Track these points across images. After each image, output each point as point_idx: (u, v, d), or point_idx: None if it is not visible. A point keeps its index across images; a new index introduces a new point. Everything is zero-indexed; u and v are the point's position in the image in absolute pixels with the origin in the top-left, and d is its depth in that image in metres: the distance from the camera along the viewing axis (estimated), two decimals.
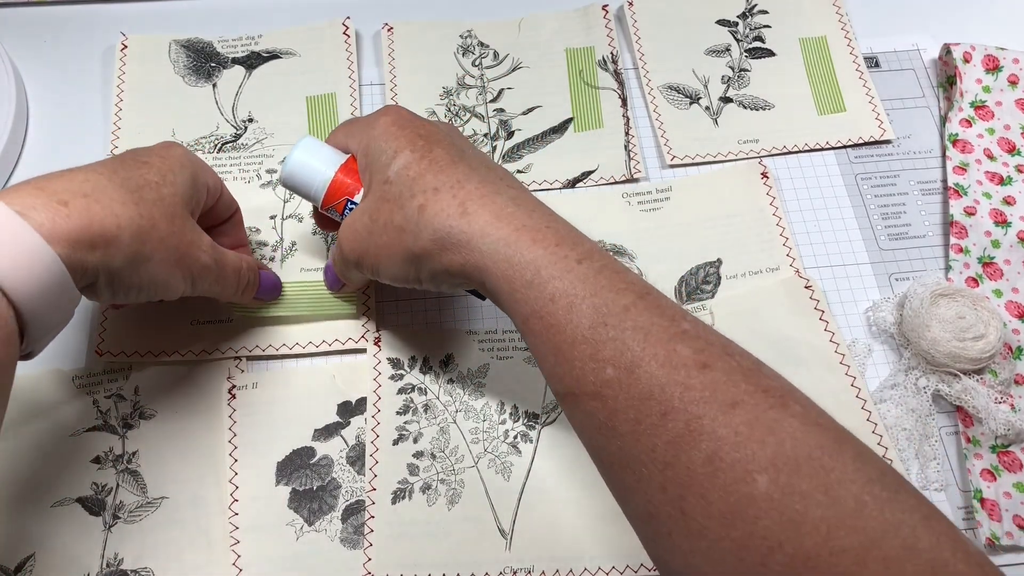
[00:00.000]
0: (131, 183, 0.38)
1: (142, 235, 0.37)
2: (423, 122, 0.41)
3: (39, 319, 0.33)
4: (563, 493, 0.45)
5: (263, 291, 0.48)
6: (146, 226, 0.37)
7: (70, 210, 0.34)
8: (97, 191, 0.36)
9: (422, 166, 0.38)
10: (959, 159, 0.55)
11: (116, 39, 0.59)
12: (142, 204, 0.37)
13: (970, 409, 0.47)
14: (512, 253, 0.35)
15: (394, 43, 0.60)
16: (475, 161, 0.39)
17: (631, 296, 0.33)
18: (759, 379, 0.30)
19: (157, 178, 0.39)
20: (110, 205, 0.35)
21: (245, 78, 0.58)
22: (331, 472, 0.46)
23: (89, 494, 0.45)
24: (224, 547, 0.44)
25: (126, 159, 0.40)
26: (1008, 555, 0.44)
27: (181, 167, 0.41)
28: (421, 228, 0.37)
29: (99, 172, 0.37)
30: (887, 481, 0.28)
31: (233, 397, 0.47)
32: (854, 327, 0.51)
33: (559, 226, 0.36)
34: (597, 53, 0.60)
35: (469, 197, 0.36)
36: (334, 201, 0.43)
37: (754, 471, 0.28)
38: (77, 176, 0.36)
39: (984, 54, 0.58)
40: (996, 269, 0.52)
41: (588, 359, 0.32)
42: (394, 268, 0.40)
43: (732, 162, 0.56)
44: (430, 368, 0.48)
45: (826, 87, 0.59)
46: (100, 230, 0.35)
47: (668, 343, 0.31)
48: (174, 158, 0.41)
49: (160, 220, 0.38)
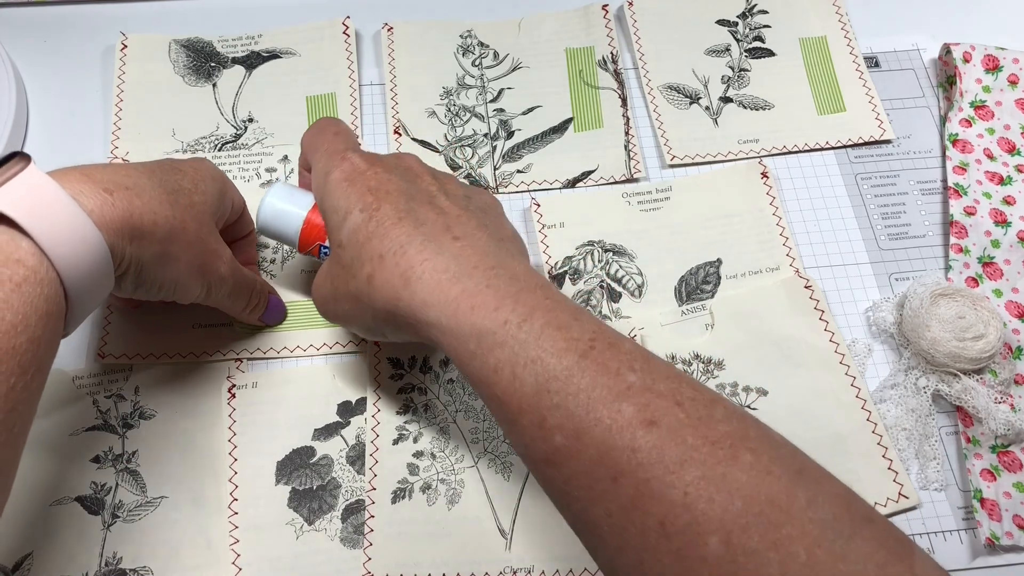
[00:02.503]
0: (168, 185, 0.39)
1: (173, 235, 0.38)
2: (375, 170, 0.39)
3: (81, 300, 0.34)
4: None
5: (269, 313, 0.48)
6: (178, 227, 0.38)
7: (115, 199, 0.35)
8: (139, 186, 0.37)
9: (369, 229, 0.37)
10: (959, 159, 0.55)
11: (116, 39, 0.59)
12: (176, 206, 0.38)
13: (970, 409, 0.47)
14: (453, 325, 0.34)
15: (394, 43, 0.60)
16: (424, 212, 0.37)
17: (573, 357, 0.32)
18: (708, 429, 0.29)
19: (190, 185, 0.41)
20: (149, 202, 0.37)
21: (245, 78, 0.58)
22: (331, 472, 0.46)
23: (88, 493, 0.45)
24: (224, 547, 0.44)
25: (162, 164, 0.41)
26: (1008, 555, 0.44)
27: (212, 180, 0.43)
28: (373, 300, 0.37)
29: (139, 170, 0.38)
30: (841, 526, 0.28)
31: (233, 397, 0.47)
32: (854, 327, 0.51)
33: (500, 283, 0.34)
34: (597, 53, 0.60)
35: (411, 264, 0.35)
36: (308, 247, 0.44)
37: (705, 533, 0.27)
38: (119, 170, 0.37)
39: (984, 54, 0.58)
40: (996, 269, 0.52)
41: (536, 427, 0.32)
42: (363, 331, 0.41)
43: (732, 162, 0.56)
44: (430, 368, 0.48)
45: (826, 87, 0.59)
46: (139, 222, 0.36)
47: (612, 404, 0.30)
48: (205, 170, 0.43)
49: (190, 224, 0.39)
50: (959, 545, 0.45)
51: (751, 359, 0.49)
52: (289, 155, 0.55)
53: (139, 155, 0.55)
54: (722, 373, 0.48)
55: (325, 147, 0.41)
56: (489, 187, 0.55)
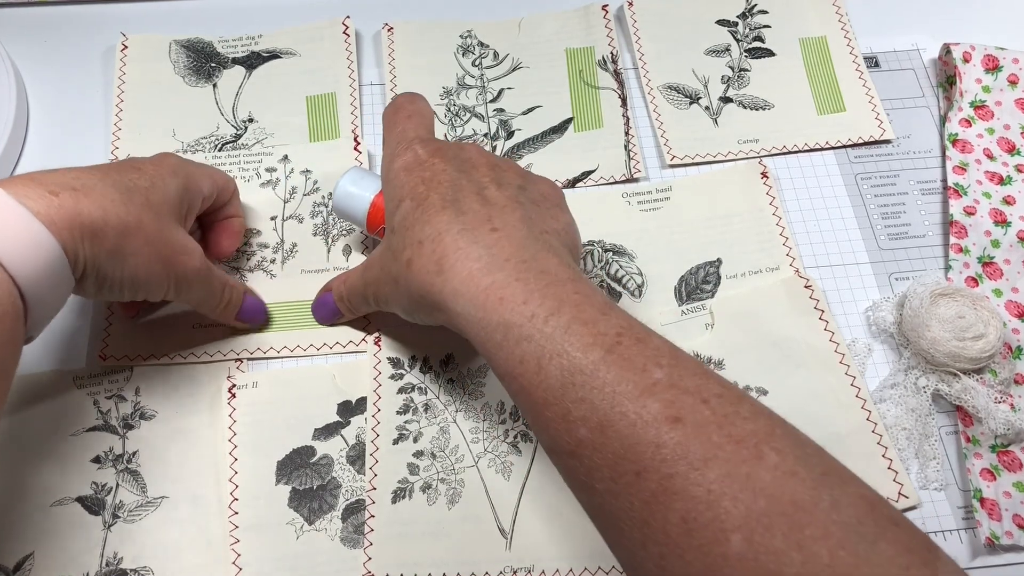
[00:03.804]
0: (121, 185, 0.39)
1: (128, 231, 0.38)
2: (433, 160, 0.40)
3: (40, 303, 0.35)
4: (563, 493, 0.45)
5: (245, 313, 0.48)
6: (132, 223, 0.38)
7: (61, 200, 0.35)
8: (87, 187, 0.37)
9: (415, 216, 0.38)
10: (959, 159, 0.55)
11: (116, 39, 0.59)
12: (130, 203, 0.38)
13: (970, 409, 0.47)
14: (482, 316, 0.34)
15: (394, 43, 0.60)
16: (470, 201, 0.38)
17: (599, 352, 0.32)
18: (733, 427, 0.29)
19: (146, 183, 0.40)
20: (98, 199, 0.37)
21: (245, 78, 0.58)
22: (331, 471, 0.46)
23: (89, 493, 0.45)
24: (224, 546, 0.44)
25: (119, 164, 0.41)
26: (1008, 555, 0.44)
27: (172, 175, 0.42)
28: (409, 284, 0.38)
29: (90, 172, 0.38)
30: (865, 529, 0.27)
31: (233, 397, 0.47)
32: (854, 327, 0.51)
33: (530, 277, 0.35)
34: (597, 53, 0.60)
35: (446, 252, 0.36)
36: (375, 230, 0.46)
37: (728, 530, 0.27)
38: (69, 172, 0.37)
39: (984, 54, 0.58)
40: (996, 269, 0.52)
41: (560, 420, 0.32)
42: (402, 313, 0.42)
43: (732, 162, 0.56)
44: (430, 368, 0.48)
45: (826, 87, 0.59)
46: (88, 220, 0.36)
47: (638, 399, 0.30)
48: (166, 166, 0.43)
49: (148, 220, 0.39)
50: (959, 545, 0.45)
51: (751, 359, 0.49)
52: (289, 155, 0.55)
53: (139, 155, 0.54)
54: (722, 373, 0.48)
55: (396, 131, 0.43)
56: None
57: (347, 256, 0.52)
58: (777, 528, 0.27)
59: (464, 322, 0.35)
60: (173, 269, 0.41)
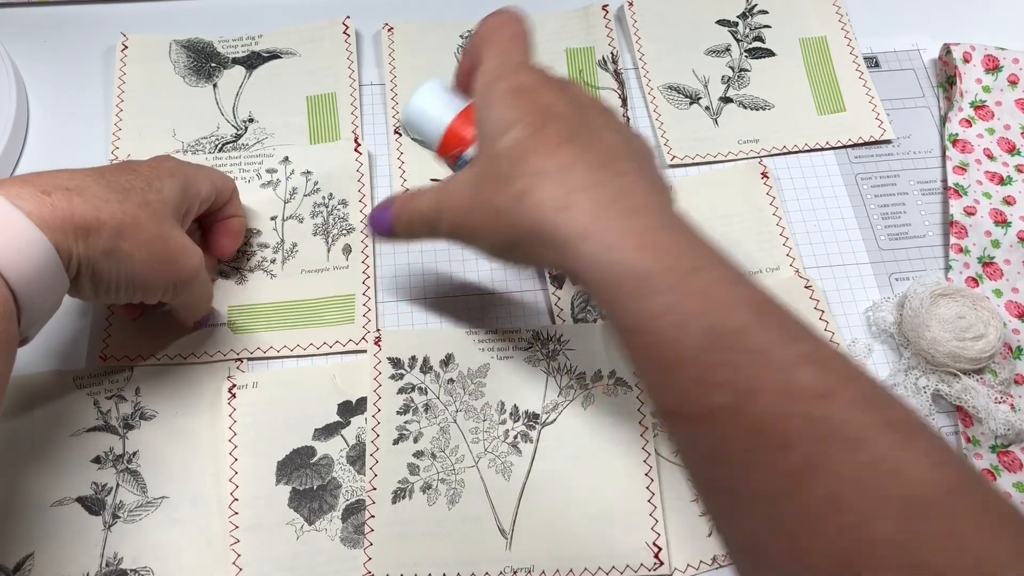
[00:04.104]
0: (116, 185, 0.39)
1: (124, 230, 0.37)
2: (545, 89, 0.37)
3: (33, 303, 0.34)
4: (563, 493, 0.45)
5: (203, 320, 0.49)
6: (129, 222, 0.38)
7: (53, 199, 0.35)
8: (81, 188, 0.37)
9: (530, 144, 0.34)
10: (959, 159, 0.55)
11: (116, 39, 0.59)
12: (126, 203, 0.38)
13: (970, 409, 0.47)
14: (613, 260, 0.31)
15: (394, 43, 0.60)
16: (591, 139, 0.35)
17: (748, 314, 0.29)
18: (884, 411, 0.28)
19: (143, 184, 0.40)
20: (92, 200, 0.37)
21: (245, 78, 0.58)
22: (331, 471, 0.46)
23: (89, 494, 0.45)
24: (224, 547, 0.44)
25: (115, 166, 0.41)
26: None
27: (170, 176, 0.42)
28: (520, 217, 0.34)
29: (85, 173, 0.38)
30: (1014, 527, 0.26)
31: (233, 397, 0.47)
32: (854, 327, 0.51)
33: (672, 223, 0.32)
34: (597, 53, 0.60)
35: (573, 188, 0.33)
36: (448, 152, 0.42)
37: (877, 515, 0.26)
38: (63, 174, 0.37)
39: (984, 54, 0.58)
40: (996, 269, 0.52)
41: (695, 382, 0.29)
42: (488, 248, 0.38)
43: (732, 162, 0.56)
44: (430, 368, 0.48)
45: (826, 87, 0.59)
46: (82, 220, 0.36)
47: (787, 370, 0.28)
48: (163, 168, 0.42)
49: (146, 222, 0.39)
50: None
51: None
52: (290, 156, 0.55)
53: (139, 155, 0.54)
54: None
55: (499, 51, 0.38)
56: None
57: (347, 256, 0.52)
58: (933, 515, 0.26)
59: (587, 264, 0.32)
60: (173, 270, 0.41)
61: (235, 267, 0.51)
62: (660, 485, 0.45)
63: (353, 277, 0.51)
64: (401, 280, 0.52)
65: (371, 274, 0.52)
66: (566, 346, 0.49)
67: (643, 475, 0.45)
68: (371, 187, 0.55)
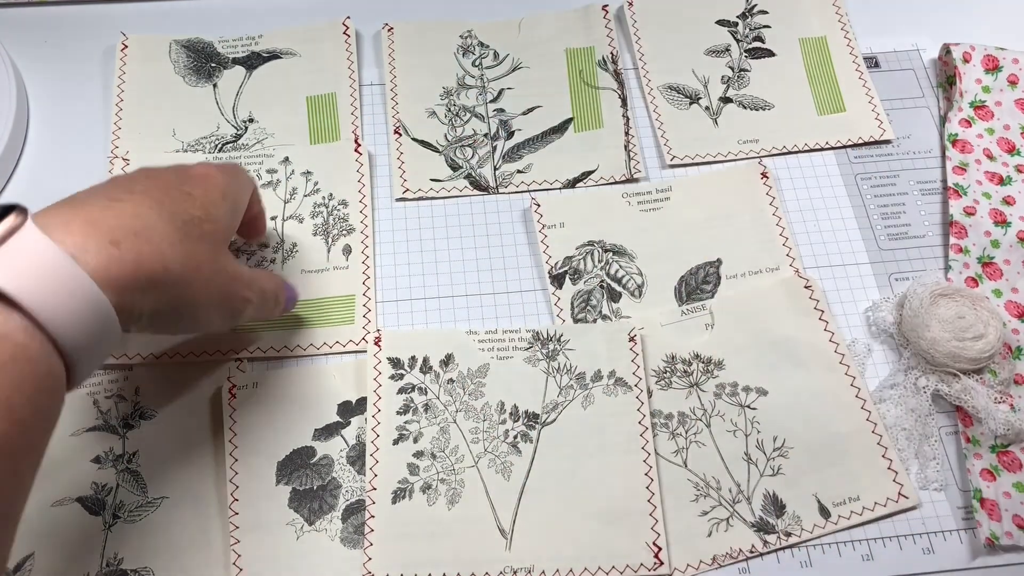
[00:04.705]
0: (178, 218, 0.36)
1: (186, 277, 0.36)
2: None
3: (84, 362, 0.32)
4: (563, 493, 0.45)
5: (288, 304, 0.47)
6: (191, 267, 0.36)
7: (122, 252, 0.33)
8: (147, 228, 0.34)
9: None
10: (959, 159, 0.55)
11: (116, 39, 0.59)
12: (187, 241, 0.36)
13: (970, 409, 0.47)
14: None
15: (394, 43, 0.60)
16: None
17: None
18: None
19: (200, 212, 0.38)
20: (159, 244, 0.34)
21: (245, 78, 0.58)
22: (331, 472, 0.46)
23: (89, 494, 0.45)
24: (224, 547, 0.44)
25: (170, 188, 0.38)
26: (1008, 555, 0.44)
27: (223, 198, 0.40)
28: None
29: (148, 205, 0.35)
30: None
31: (233, 397, 0.47)
32: (854, 327, 0.51)
33: None
34: (597, 53, 0.60)
35: None
36: None
37: None
38: (127, 210, 0.34)
39: (984, 54, 0.58)
40: (996, 269, 0.52)
41: None
42: None
43: (732, 162, 0.56)
44: (430, 368, 0.48)
45: (826, 87, 0.59)
46: (150, 272, 0.34)
47: None
48: (215, 190, 0.40)
49: (204, 261, 0.37)
50: (959, 545, 0.45)
51: (751, 359, 0.49)
52: (290, 157, 0.55)
53: (139, 155, 0.55)
54: (722, 373, 0.48)
55: None
56: (489, 187, 0.55)
57: (347, 256, 0.52)
58: None
59: None
60: (233, 302, 0.40)
61: None
62: (660, 485, 0.45)
63: (353, 277, 0.51)
64: (401, 280, 0.52)
65: (371, 274, 0.52)
66: (566, 346, 0.49)
67: (643, 475, 0.45)
68: (371, 187, 0.55)
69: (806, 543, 0.45)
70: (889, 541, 0.45)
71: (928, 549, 0.45)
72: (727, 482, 0.46)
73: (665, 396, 0.48)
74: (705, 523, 0.45)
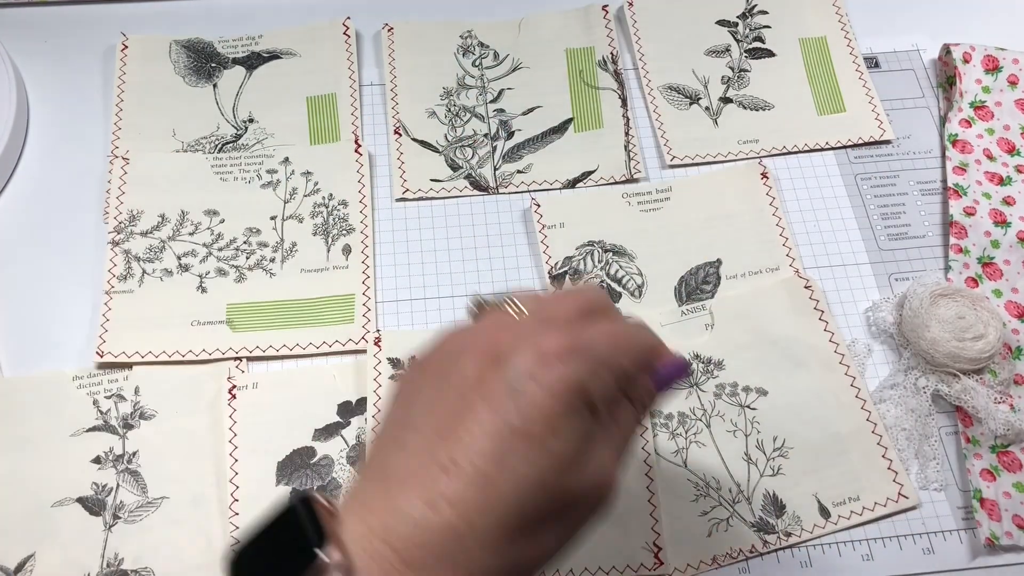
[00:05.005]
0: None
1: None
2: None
3: None
4: None
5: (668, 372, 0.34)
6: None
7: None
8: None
9: None
10: (959, 159, 0.55)
11: (116, 39, 0.59)
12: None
13: (970, 409, 0.47)
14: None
15: (394, 43, 0.60)
16: None
17: None
18: None
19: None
20: None
21: (245, 78, 0.58)
22: (331, 472, 0.46)
23: (89, 494, 0.45)
24: (224, 547, 0.44)
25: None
26: (1008, 555, 0.44)
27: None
28: None
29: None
30: None
31: (233, 397, 0.47)
32: (854, 327, 0.51)
33: None
34: (597, 53, 0.60)
35: None
36: None
37: None
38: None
39: (984, 54, 0.58)
40: (996, 269, 0.52)
41: None
42: None
43: (732, 162, 0.56)
44: None
45: (826, 87, 0.59)
46: None
47: None
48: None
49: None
50: (959, 545, 0.45)
51: (751, 359, 0.49)
52: (290, 157, 0.55)
53: (139, 155, 0.54)
54: (722, 373, 0.48)
55: None
56: (489, 187, 0.55)
57: (347, 256, 0.52)
58: None
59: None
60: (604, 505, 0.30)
61: (234, 266, 0.51)
62: (660, 485, 0.45)
63: (353, 277, 0.51)
64: (401, 280, 0.52)
65: (371, 274, 0.52)
66: None
67: (643, 475, 0.45)
68: (371, 187, 0.55)
69: (806, 543, 0.45)
70: (889, 541, 0.45)
71: (928, 549, 0.45)
72: (727, 482, 0.46)
73: (665, 396, 0.48)
74: (705, 523, 0.45)
